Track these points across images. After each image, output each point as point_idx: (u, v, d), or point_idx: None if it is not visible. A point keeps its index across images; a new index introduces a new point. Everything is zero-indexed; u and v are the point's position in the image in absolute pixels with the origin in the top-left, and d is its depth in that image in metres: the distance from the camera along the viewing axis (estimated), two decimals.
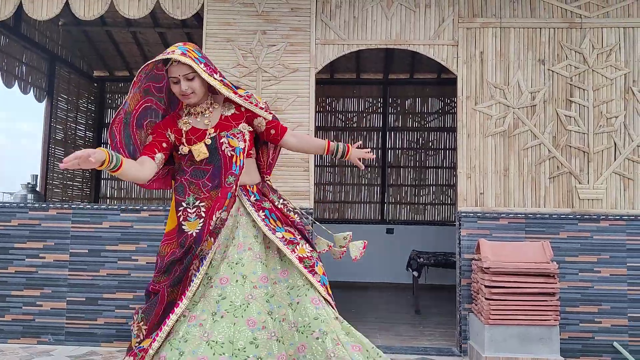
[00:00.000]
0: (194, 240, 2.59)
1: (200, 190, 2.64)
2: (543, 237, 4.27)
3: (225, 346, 2.46)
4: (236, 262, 2.62)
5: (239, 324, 2.51)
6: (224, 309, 2.51)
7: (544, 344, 3.82)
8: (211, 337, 2.46)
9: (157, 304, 2.61)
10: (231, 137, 2.70)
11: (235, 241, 2.66)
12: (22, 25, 6.38)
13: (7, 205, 4.58)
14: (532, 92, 4.41)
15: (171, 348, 2.46)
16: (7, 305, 4.41)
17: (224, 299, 2.53)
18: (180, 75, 2.60)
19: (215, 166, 2.65)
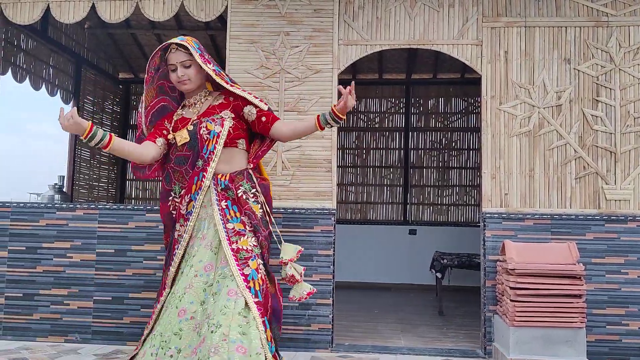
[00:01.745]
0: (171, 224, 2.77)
1: (183, 178, 2.75)
2: (569, 238, 4.21)
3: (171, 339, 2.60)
4: (192, 255, 2.71)
5: (173, 314, 2.59)
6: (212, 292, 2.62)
7: (570, 347, 3.77)
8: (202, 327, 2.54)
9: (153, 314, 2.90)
10: (209, 122, 2.76)
11: (200, 233, 2.74)
12: (50, 29, 6.49)
13: (36, 206, 4.66)
14: (558, 92, 4.36)
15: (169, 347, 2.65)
16: (36, 304, 4.49)
17: (210, 286, 2.63)
18: (178, 62, 2.71)
19: (194, 152, 2.74)
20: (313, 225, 4.38)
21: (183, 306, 2.59)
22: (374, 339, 4.74)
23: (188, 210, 2.70)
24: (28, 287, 4.51)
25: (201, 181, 2.70)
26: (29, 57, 6.37)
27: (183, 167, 2.72)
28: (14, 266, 4.53)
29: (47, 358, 3.97)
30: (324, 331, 4.31)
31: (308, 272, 4.32)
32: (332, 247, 4.36)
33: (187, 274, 2.65)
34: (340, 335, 4.76)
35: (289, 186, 4.43)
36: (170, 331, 2.54)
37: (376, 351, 4.33)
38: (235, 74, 4.48)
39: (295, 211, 4.39)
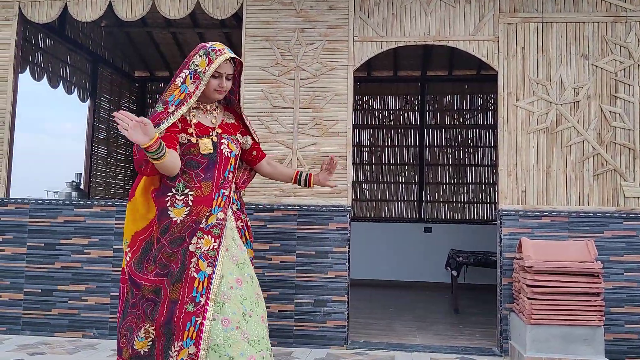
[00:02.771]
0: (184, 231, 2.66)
1: (191, 179, 2.72)
2: (587, 236, 4.17)
3: (261, 342, 2.60)
4: (243, 262, 2.74)
5: (258, 321, 2.65)
6: (249, 308, 2.64)
7: (587, 345, 3.73)
8: (250, 336, 2.57)
9: (160, 303, 2.62)
10: (230, 141, 2.85)
11: (236, 241, 2.79)
12: (67, 28, 6.55)
13: (54, 203, 4.71)
14: (575, 88, 4.32)
15: (219, 355, 2.53)
16: (54, 299, 4.54)
17: (245, 299, 2.65)
18: (226, 72, 2.76)
19: (210, 161, 2.75)
20: (328, 223, 4.38)
21: (261, 314, 2.69)
22: (390, 337, 4.73)
23: (209, 223, 2.69)
24: (46, 283, 4.56)
25: (224, 200, 2.76)
26: (47, 55, 6.44)
27: (193, 171, 2.74)
28: (32, 262, 4.59)
29: (65, 353, 4.02)
30: (339, 328, 4.31)
31: (323, 269, 4.34)
32: (347, 244, 4.36)
33: (250, 284, 2.72)
34: (355, 332, 4.76)
35: None
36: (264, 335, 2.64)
37: (392, 348, 4.32)
38: (250, 72, 4.49)
39: (311, 208, 4.39)
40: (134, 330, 2.67)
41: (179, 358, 2.53)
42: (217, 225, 2.70)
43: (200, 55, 2.71)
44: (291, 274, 4.37)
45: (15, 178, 4.86)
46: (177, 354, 2.54)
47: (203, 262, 2.62)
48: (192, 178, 2.72)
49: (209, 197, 2.71)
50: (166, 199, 2.71)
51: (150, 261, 2.69)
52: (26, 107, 9.83)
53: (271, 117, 4.45)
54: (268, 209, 4.39)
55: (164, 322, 2.58)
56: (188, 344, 2.52)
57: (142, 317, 2.66)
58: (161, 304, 2.61)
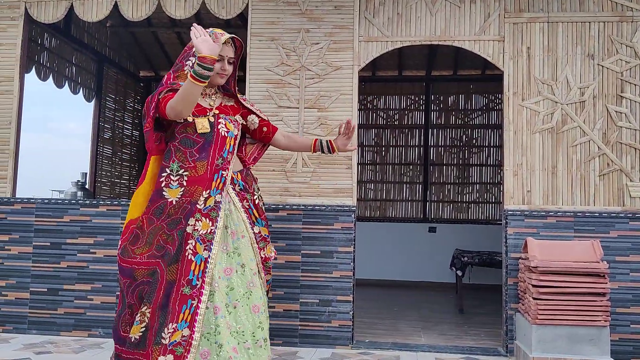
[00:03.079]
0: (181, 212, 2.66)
1: (185, 159, 2.71)
2: (592, 236, 4.16)
3: (246, 334, 2.63)
4: (234, 251, 2.74)
5: (245, 311, 2.67)
6: (234, 299, 2.65)
7: (593, 345, 3.73)
8: (232, 327, 2.61)
9: (157, 285, 2.61)
10: (228, 121, 2.85)
11: (229, 229, 2.77)
12: (72, 28, 6.57)
13: (60, 202, 4.73)
14: (581, 88, 4.31)
15: (210, 342, 2.55)
16: (60, 298, 4.56)
17: (231, 290, 2.67)
18: (226, 56, 2.79)
19: (206, 140, 2.75)
20: (333, 222, 4.38)
21: (254, 303, 2.71)
22: (395, 337, 4.73)
23: (207, 205, 2.68)
24: (52, 282, 4.58)
25: (222, 182, 2.75)
26: (53, 55, 6.46)
27: (188, 149, 2.74)
28: (38, 261, 4.60)
29: (71, 352, 4.03)
30: (344, 328, 4.31)
31: (328, 268, 4.34)
32: (353, 244, 4.36)
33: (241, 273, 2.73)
34: (360, 332, 4.76)
35: (309, 183, 4.44)
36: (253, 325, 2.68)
37: (397, 348, 4.32)
38: (255, 72, 4.50)
39: (316, 208, 4.39)
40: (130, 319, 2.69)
41: (172, 340, 2.53)
42: (215, 208, 2.70)
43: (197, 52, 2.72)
44: (296, 273, 4.37)
45: (20, 177, 4.88)
46: (170, 335, 2.53)
47: (200, 245, 2.63)
48: (187, 158, 2.71)
49: (204, 177, 2.70)
50: (161, 179, 2.71)
51: (140, 244, 2.69)
52: (32, 106, 9.87)
53: (276, 117, 4.46)
54: (273, 208, 4.40)
55: (161, 303, 2.58)
56: (182, 327, 2.53)
57: (136, 304, 2.66)
58: (158, 285, 2.61)
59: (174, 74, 2.79)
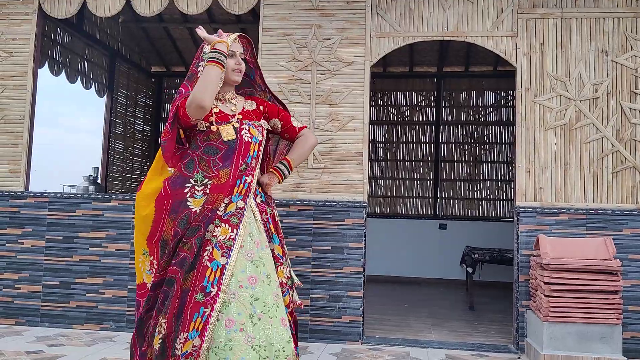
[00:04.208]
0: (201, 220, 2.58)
1: (209, 168, 2.65)
2: (605, 233, 4.14)
3: (268, 349, 2.45)
4: (259, 260, 2.61)
5: (274, 324, 2.50)
6: (260, 310, 2.50)
7: (605, 343, 3.70)
8: (254, 341, 2.44)
9: (173, 294, 2.52)
10: (252, 126, 2.79)
11: (254, 237, 2.66)
12: (85, 23, 6.60)
13: (72, 196, 4.76)
14: (595, 84, 4.27)
15: (218, 358, 2.41)
16: (72, 292, 4.59)
17: (256, 300, 2.52)
18: (237, 51, 2.76)
19: (229, 147, 2.68)
20: (344, 218, 4.38)
21: (282, 316, 2.56)
22: (405, 333, 4.73)
23: (227, 211, 2.61)
24: (65, 276, 4.61)
25: (245, 187, 2.68)
26: (65, 50, 6.50)
27: (212, 158, 2.67)
28: (51, 255, 4.64)
29: (83, 345, 4.06)
30: (354, 323, 4.31)
31: (339, 264, 4.34)
32: (363, 240, 4.36)
33: (267, 284, 2.59)
34: (370, 328, 4.76)
35: (320, 179, 4.44)
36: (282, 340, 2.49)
37: (407, 344, 4.32)
38: (267, 67, 4.50)
39: (327, 204, 4.39)
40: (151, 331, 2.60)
41: (183, 350, 2.43)
42: (236, 214, 2.62)
43: (209, 44, 2.69)
44: (307, 269, 4.38)
45: (33, 172, 4.92)
46: (182, 346, 2.43)
47: (218, 252, 2.54)
48: (210, 167, 2.65)
49: (227, 185, 2.63)
50: (185, 190, 2.64)
51: (165, 257, 2.61)
52: (44, 101, 9.93)
53: None
54: (284, 204, 4.40)
55: (175, 312, 2.49)
56: (193, 336, 2.43)
57: (155, 313, 2.59)
58: (173, 294, 2.52)
59: (189, 83, 2.74)
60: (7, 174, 4.76)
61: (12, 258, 4.67)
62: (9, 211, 4.71)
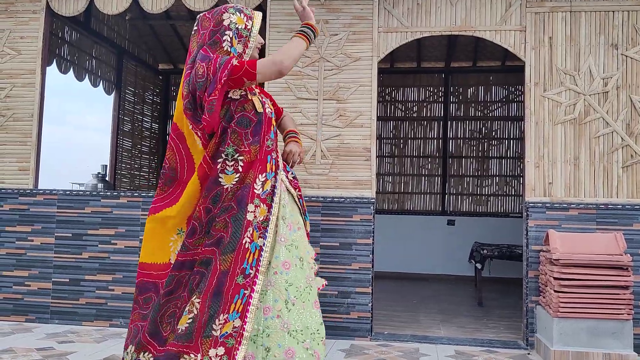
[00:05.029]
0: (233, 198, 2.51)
1: (241, 142, 2.57)
2: (615, 228, 4.11)
3: (304, 332, 2.45)
4: (291, 244, 2.58)
5: (307, 308, 2.50)
6: (293, 295, 2.49)
7: (615, 339, 3.68)
8: (290, 326, 2.44)
9: (210, 275, 2.47)
10: (268, 101, 2.78)
11: (286, 220, 2.61)
12: (92, 21, 6.61)
13: (81, 194, 4.78)
14: (605, 78, 4.24)
15: (256, 345, 2.42)
16: (81, 289, 4.61)
17: (290, 285, 2.51)
18: None
19: (258, 121, 2.61)
20: (352, 214, 4.37)
21: (315, 299, 2.55)
22: (414, 329, 4.72)
23: (264, 189, 2.54)
24: (74, 273, 4.63)
25: (274, 164, 2.62)
26: (73, 48, 6.52)
27: (244, 130, 2.57)
28: (60, 252, 4.66)
29: (93, 342, 4.08)
30: (363, 320, 4.31)
31: (347, 260, 4.34)
32: (372, 236, 4.35)
33: (300, 267, 2.57)
34: (379, 324, 4.76)
35: (327, 175, 4.43)
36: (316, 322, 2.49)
37: (416, 340, 4.31)
38: None
39: (334, 200, 4.39)
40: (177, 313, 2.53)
41: (223, 331, 2.39)
42: (272, 192, 2.57)
43: (233, 14, 2.61)
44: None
45: (41, 169, 4.93)
46: (221, 327, 2.39)
47: (256, 233, 2.50)
48: (242, 141, 2.57)
49: (258, 161, 2.56)
50: (217, 165, 2.56)
51: (198, 236, 2.54)
52: (53, 99, 9.98)
53: (295, 109, 4.45)
54: None
55: (212, 293, 2.43)
56: (234, 317, 2.40)
57: (186, 296, 2.52)
58: (210, 274, 2.46)
59: (212, 50, 2.60)
60: (16, 172, 4.78)
61: (22, 255, 4.69)
62: (19, 209, 4.73)
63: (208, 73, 2.51)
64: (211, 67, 2.52)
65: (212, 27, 2.63)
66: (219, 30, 2.62)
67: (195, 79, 2.55)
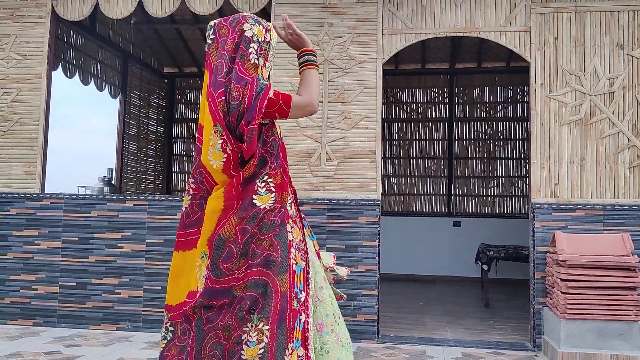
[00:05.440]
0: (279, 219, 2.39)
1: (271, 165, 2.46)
2: (622, 229, 4.09)
3: (350, 343, 2.45)
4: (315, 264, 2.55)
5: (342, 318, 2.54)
6: (337, 307, 2.49)
7: (623, 340, 3.67)
8: (342, 340, 2.41)
9: (273, 298, 2.27)
10: None
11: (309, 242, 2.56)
12: (97, 25, 6.64)
13: (87, 197, 4.79)
14: (610, 78, 4.22)
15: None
16: (88, 292, 4.62)
17: (333, 298, 2.48)
18: None
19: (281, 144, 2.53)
20: (358, 217, 4.37)
21: (319, 320, 2.46)
22: (420, 331, 4.71)
23: (292, 211, 2.49)
24: (81, 277, 4.65)
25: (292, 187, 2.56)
26: (78, 53, 6.55)
27: (274, 152, 2.48)
28: (67, 256, 4.67)
29: (100, 345, 4.09)
30: (369, 322, 4.30)
31: (353, 262, 4.33)
32: (377, 238, 4.35)
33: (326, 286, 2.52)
34: (385, 326, 4.75)
35: (333, 177, 4.43)
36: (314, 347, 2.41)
37: (422, 343, 4.30)
38: (279, 66, 4.50)
39: (340, 202, 4.38)
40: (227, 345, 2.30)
41: None
42: (298, 216, 2.53)
43: (253, 25, 2.50)
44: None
45: (48, 174, 4.95)
46: (289, 357, 2.23)
47: (298, 255, 2.39)
48: (272, 164, 2.46)
49: (284, 183, 2.48)
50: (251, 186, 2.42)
51: (234, 259, 2.34)
52: (59, 103, 10.00)
53: None
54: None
55: (278, 319, 2.25)
56: (297, 346, 2.26)
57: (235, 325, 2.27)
58: (273, 298, 2.26)
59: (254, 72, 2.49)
60: (23, 176, 4.80)
61: (29, 259, 4.71)
62: (25, 213, 4.75)
63: (244, 98, 2.40)
64: (247, 92, 2.41)
65: (235, 38, 2.51)
66: (242, 42, 2.50)
67: (230, 100, 2.42)
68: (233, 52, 2.49)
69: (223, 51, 2.52)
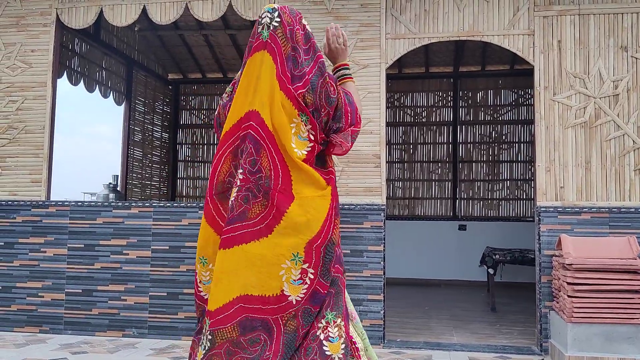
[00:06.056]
0: None
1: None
2: (628, 232, 4.07)
3: None
4: None
5: None
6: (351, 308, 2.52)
7: (631, 344, 3.64)
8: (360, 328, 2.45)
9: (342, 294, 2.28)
10: None
11: None
12: (102, 32, 6.67)
13: (93, 204, 4.81)
14: (615, 81, 4.22)
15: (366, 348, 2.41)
16: (94, 299, 4.63)
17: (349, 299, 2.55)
18: None
19: None
20: (363, 221, 4.37)
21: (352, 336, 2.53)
22: (426, 336, 4.69)
23: None
24: (87, 284, 4.66)
25: None
26: (83, 60, 6.57)
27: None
28: (73, 263, 4.69)
29: (106, 352, 4.09)
30: (375, 327, 4.29)
31: (358, 267, 4.33)
32: (382, 243, 4.34)
33: None
34: (391, 331, 4.74)
35: (337, 182, 4.43)
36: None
37: (429, 347, 4.29)
38: None
39: (345, 207, 4.38)
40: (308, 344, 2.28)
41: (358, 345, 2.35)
42: None
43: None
44: None
45: (53, 181, 4.97)
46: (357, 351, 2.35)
47: None
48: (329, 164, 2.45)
49: None
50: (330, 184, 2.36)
51: (338, 261, 2.29)
52: (64, 111, 10.06)
53: None
54: None
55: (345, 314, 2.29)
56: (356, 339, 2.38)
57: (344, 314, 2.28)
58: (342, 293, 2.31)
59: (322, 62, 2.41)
60: (28, 184, 4.82)
61: (35, 267, 4.73)
62: (31, 220, 4.77)
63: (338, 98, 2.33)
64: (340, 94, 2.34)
65: (302, 30, 2.38)
66: (307, 34, 2.41)
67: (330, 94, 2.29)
68: (304, 44, 2.40)
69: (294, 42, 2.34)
